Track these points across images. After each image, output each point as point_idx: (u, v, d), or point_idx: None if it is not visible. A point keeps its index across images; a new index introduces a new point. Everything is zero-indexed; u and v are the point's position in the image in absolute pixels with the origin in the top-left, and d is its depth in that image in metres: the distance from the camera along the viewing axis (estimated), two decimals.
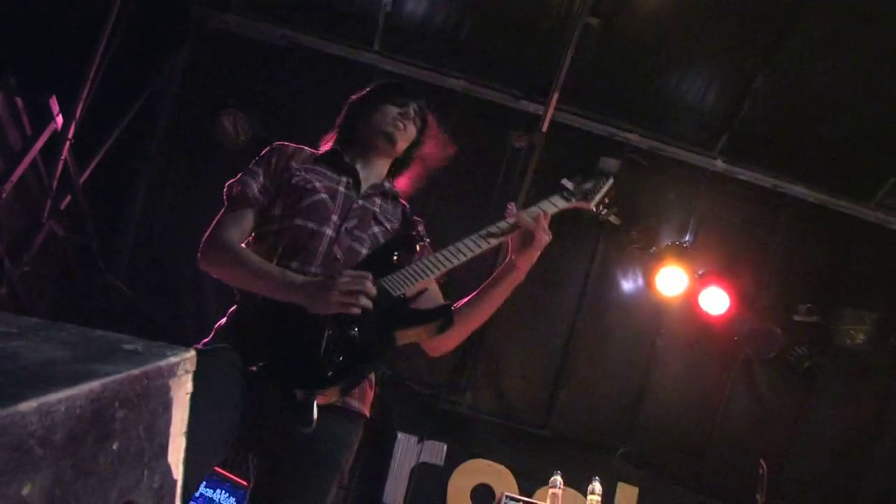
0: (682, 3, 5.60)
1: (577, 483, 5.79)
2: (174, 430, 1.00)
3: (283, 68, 6.14)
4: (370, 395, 2.51)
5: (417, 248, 2.53)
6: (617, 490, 6.45)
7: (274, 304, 2.29)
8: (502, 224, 2.52)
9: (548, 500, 5.05)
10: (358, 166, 2.64)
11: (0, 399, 0.75)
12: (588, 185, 2.76)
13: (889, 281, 6.24)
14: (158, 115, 5.95)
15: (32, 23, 4.47)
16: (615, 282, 6.54)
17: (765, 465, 5.30)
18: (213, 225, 2.47)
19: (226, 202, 2.53)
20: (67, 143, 4.62)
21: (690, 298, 6.21)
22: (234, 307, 2.46)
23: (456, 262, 2.43)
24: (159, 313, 5.92)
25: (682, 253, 6.17)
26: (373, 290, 2.24)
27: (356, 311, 2.22)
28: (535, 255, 2.53)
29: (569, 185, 2.72)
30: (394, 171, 2.80)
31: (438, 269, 2.40)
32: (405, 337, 2.34)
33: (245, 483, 4.61)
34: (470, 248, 2.44)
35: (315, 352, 2.18)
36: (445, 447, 6.49)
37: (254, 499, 2.37)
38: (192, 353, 1.04)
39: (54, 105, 4.46)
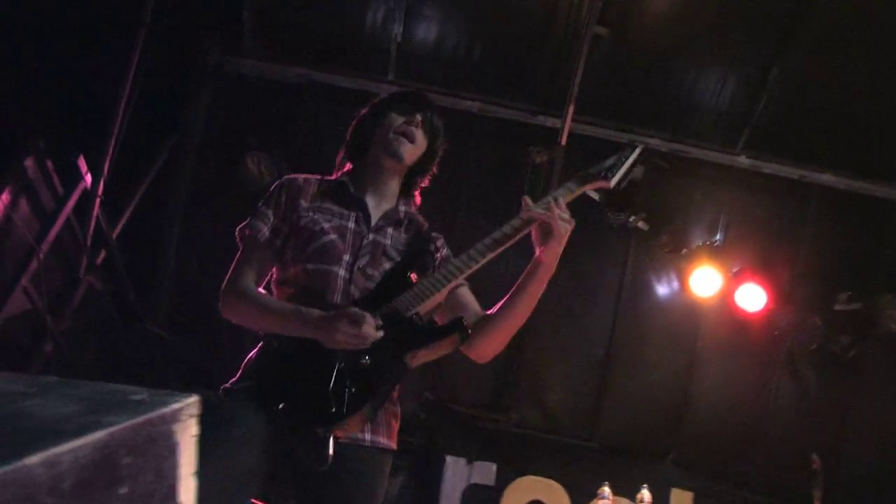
0: (689, 5, 5.63)
1: (629, 492, 5.73)
2: (182, 472, 1.06)
3: (301, 106, 6.26)
4: (395, 427, 2.50)
5: (434, 264, 2.54)
6: (671, 496, 6.41)
7: (290, 341, 2.34)
8: (514, 222, 2.47)
9: None
10: (368, 194, 2.61)
11: (10, 455, 0.82)
12: (610, 161, 2.62)
13: None
14: (183, 162, 6.10)
15: (54, 84, 4.63)
16: (649, 288, 6.55)
17: (818, 460, 5.25)
18: (229, 273, 2.52)
19: (239, 244, 2.58)
20: (98, 199, 4.78)
21: (726, 297, 6.19)
22: (261, 343, 2.50)
23: (469, 270, 2.43)
24: (200, 356, 6.04)
25: (714, 252, 6.16)
26: (371, 331, 2.24)
27: (365, 346, 2.25)
28: (558, 246, 2.44)
29: (589, 169, 2.63)
30: (410, 186, 2.75)
31: (450, 279, 2.39)
32: (418, 358, 2.34)
33: None
34: (482, 252, 2.43)
35: (324, 387, 2.22)
36: (495, 467, 6.52)
37: None
38: (196, 398, 1.11)
39: (82, 164, 4.63)
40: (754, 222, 6.34)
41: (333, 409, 2.20)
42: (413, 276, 2.43)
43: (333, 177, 2.71)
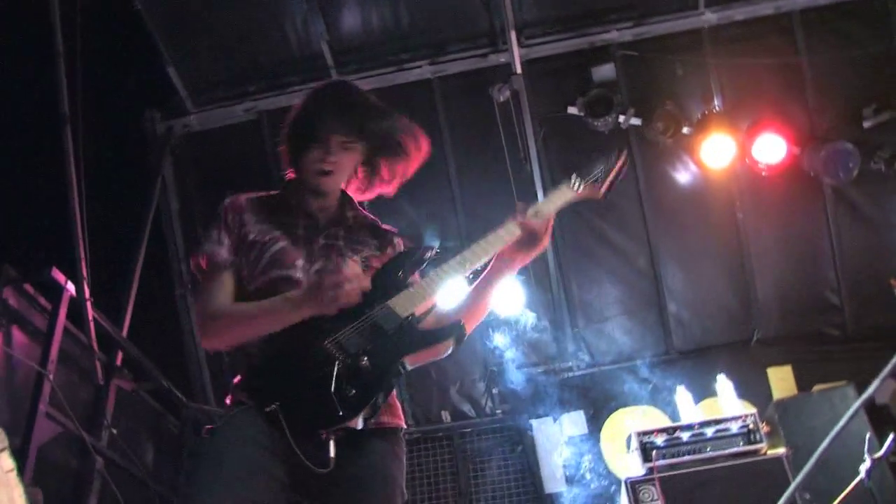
0: None
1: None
2: None
3: (260, 136, 6.21)
4: (398, 405, 2.46)
5: (423, 261, 2.47)
6: (769, 376, 6.18)
7: (278, 343, 2.27)
8: (510, 227, 2.41)
9: (682, 419, 4.86)
10: (311, 201, 2.57)
11: None
12: (597, 170, 2.53)
13: None
14: (171, 235, 6.11)
15: (4, 208, 4.65)
16: (668, 180, 6.29)
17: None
18: (196, 305, 2.47)
19: (198, 277, 2.52)
20: (88, 303, 4.77)
21: (747, 158, 5.92)
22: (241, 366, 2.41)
23: (464, 272, 2.37)
24: None
25: (717, 119, 5.88)
26: (355, 268, 2.23)
27: (356, 297, 2.19)
28: (533, 256, 2.45)
29: (576, 177, 2.53)
30: (370, 173, 2.67)
31: (444, 281, 2.34)
32: (416, 360, 2.29)
33: None
34: (478, 255, 2.37)
35: (325, 390, 2.14)
36: (583, 413, 6.37)
37: None
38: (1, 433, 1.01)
39: (59, 276, 4.60)
40: (747, 73, 6.03)
41: (338, 412, 2.13)
42: (401, 276, 2.39)
43: (277, 190, 2.69)
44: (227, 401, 2.37)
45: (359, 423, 2.17)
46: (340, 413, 2.12)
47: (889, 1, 5.88)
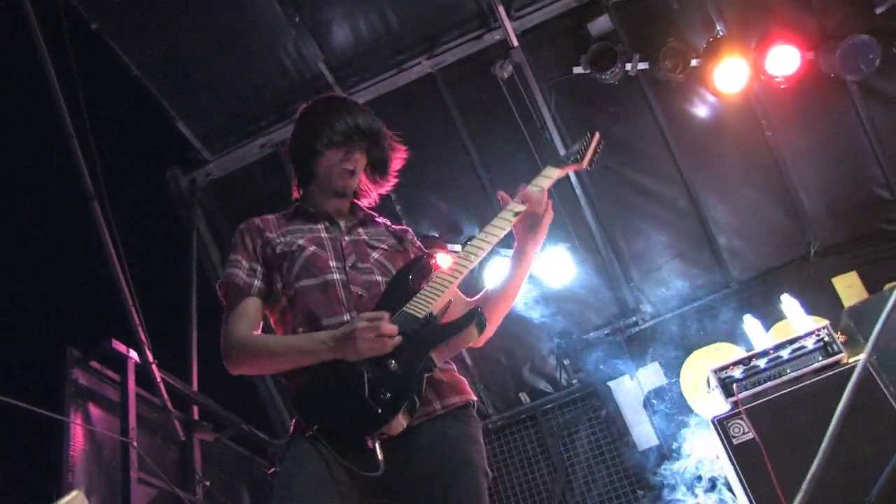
0: None
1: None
2: None
3: (281, 167, 6.30)
4: (460, 378, 2.49)
5: (429, 265, 2.58)
6: (835, 286, 6.08)
7: (312, 373, 2.31)
8: (511, 208, 2.47)
9: (755, 347, 4.82)
10: (329, 203, 2.67)
11: None
12: (574, 148, 2.67)
13: None
14: (214, 284, 6.21)
15: (49, 289, 4.79)
16: (689, 117, 6.20)
17: None
18: (222, 330, 2.51)
19: (223, 303, 2.57)
20: (153, 366, 4.90)
21: (762, 75, 5.83)
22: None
23: (471, 265, 2.42)
24: None
25: (723, 43, 5.80)
26: (391, 329, 2.24)
27: (388, 349, 2.23)
28: (542, 237, 2.51)
29: (562, 157, 2.67)
30: (358, 193, 2.79)
31: (455, 277, 2.39)
32: (443, 353, 2.32)
33: None
34: (480, 247, 2.42)
35: (360, 397, 2.19)
36: (658, 365, 6.35)
37: None
38: (74, 493, 1.07)
39: (119, 346, 4.74)
40: None
41: (376, 415, 2.17)
42: (411, 282, 2.46)
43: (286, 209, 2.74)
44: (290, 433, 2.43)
45: (403, 424, 2.21)
46: (380, 413, 2.16)
47: None
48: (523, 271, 2.55)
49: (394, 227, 2.77)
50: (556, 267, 6.31)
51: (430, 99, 6.27)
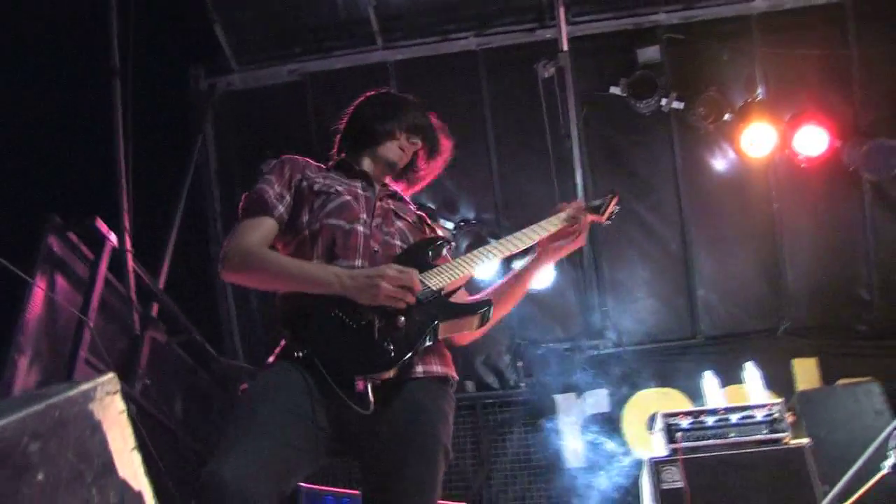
0: None
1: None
2: (116, 447, 1.09)
3: (303, 98, 6.32)
4: (449, 355, 2.57)
5: (446, 249, 2.65)
6: (794, 367, 6.26)
7: (319, 297, 2.36)
8: (554, 220, 2.62)
9: (707, 404, 4.97)
10: (368, 170, 2.77)
11: None
12: (598, 202, 2.88)
13: None
14: (209, 192, 6.24)
15: (50, 155, 4.79)
16: (705, 166, 6.34)
17: None
18: (230, 235, 2.54)
19: (240, 214, 2.59)
20: (129, 254, 4.92)
21: (787, 148, 5.96)
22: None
23: (499, 256, 2.55)
24: None
25: (760, 107, 5.92)
26: (419, 286, 2.34)
27: (402, 304, 2.31)
28: (567, 252, 2.67)
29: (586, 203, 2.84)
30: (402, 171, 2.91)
31: (476, 263, 2.51)
32: (446, 329, 2.41)
33: (357, 492, 4.75)
34: (516, 242, 2.56)
35: (369, 340, 2.27)
36: (606, 392, 6.49)
37: (367, 501, 2.41)
38: (110, 375, 1.14)
39: (102, 226, 4.75)
40: (794, 62, 6.02)
41: (377, 361, 2.26)
42: (430, 257, 2.55)
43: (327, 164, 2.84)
44: (272, 358, 2.47)
45: (391, 375, 2.28)
46: (379, 361, 2.25)
47: None
48: (528, 282, 2.69)
49: (417, 209, 2.88)
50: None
51: (466, 75, 6.32)
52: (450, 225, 6.35)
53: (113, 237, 4.84)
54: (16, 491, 0.92)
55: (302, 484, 4.69)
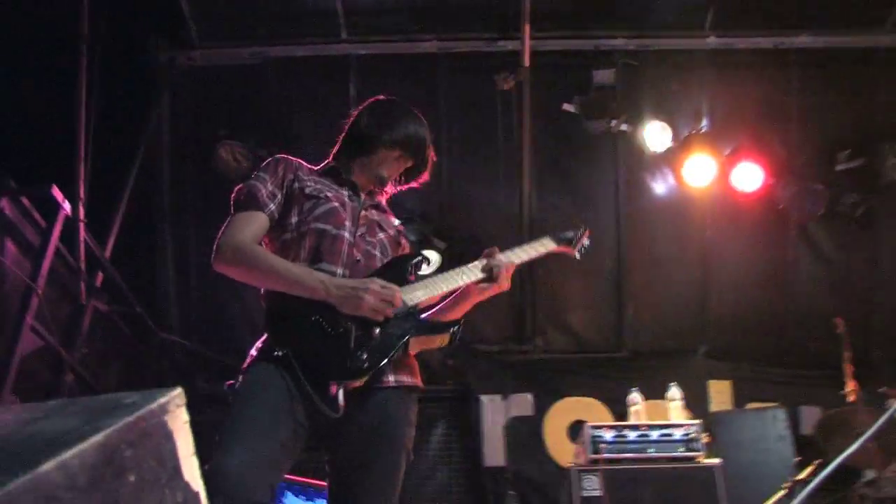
0: None
1: (664, 394, 6.01)
2: (182, 453, 1.29)
3: (262, 83, 6.42)
4: (417, 366, 2.77)
5: (424, 266, 2.84)
6: (709, 389, 6.69)
7: (301, 300, 2.54)
8: (481, 266, 2.79)
9: (630, 418, 5.33)
10: (356, 180, 2.90)
11: (27, 465, 1.05)
12: (570, 234, 3.20)
13: None
14: (158, 167, 6.31)
15: (8, 118, 4.82)
16: (646, 188, 6.69)
17: (842, 323, 5.47)
18: (223, 229, 2.69)
19: (233, 207, 2.75)
20: (81, 224, 5.00)
21: (725, 181, 6.35)
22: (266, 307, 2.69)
23: (455, 286, 2.74)
24: (220, 354, 6.34)
25: (702, 139, 6.29)
26: (400, 302, 2.54)
27: (381, 317, 2.51)
28: (490, 295, 2.83)
29: (558, 234, 3.16)
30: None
31: (443, 288, 2.70)
32: (417, 343, 2.63)
33: (325, 484, 4.92)
34: (467, 276, 2.75)
35: (346, 348, 2.47)
36: (531, 396, 6.81)
37: (332, 493, 2.64)
38: (179, 390, 1.33)
39: (57, 193, 4.82)
40: (739, 101, 6.44)
41: (350, 367, 2.46)
42: (409, 274, 2.74)
43: (319, 166, 2.98)
44: (254, 351, 2.65)
45: (361, 383, 2.49)
46: (352, 368, 2.45)
47: (877, 55, 6.33)
48: (463, 309, 2.85)
49: (396, 223, 3.03)
50: None
51: (425, 77, 6.52)
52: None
53: (67, 206, 4.91)
54: (116, 489, 1.12)
55: None
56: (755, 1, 6.22)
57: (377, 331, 2.52)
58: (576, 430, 6.42)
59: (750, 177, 6.24)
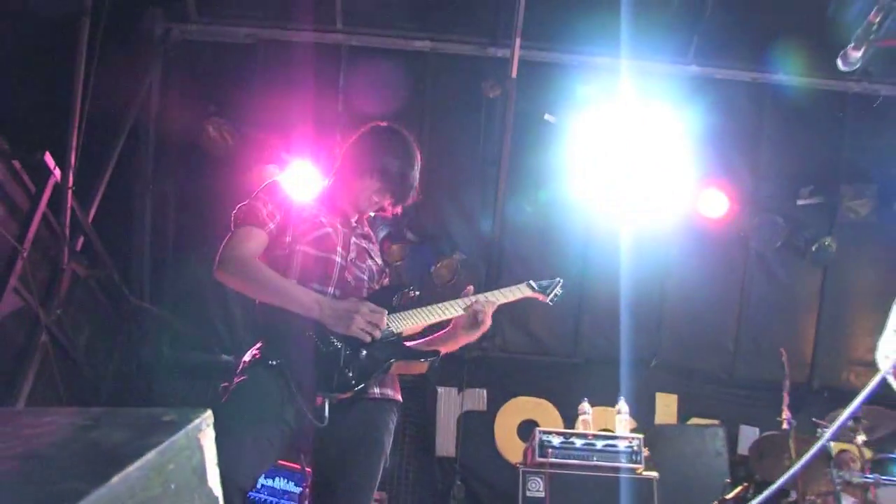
0: None
1: (614, 402, 6.37)
2: (208, 465, 1.58)
3: (254, 65, 6.61)
4: (397, 381, 3.06)
5: (411, 295, 3.09)
6: (656, 400, 7.08)
7: (298, 317, 2.79)
8: (462, 303, 3.04)
9: (579, 426, 5.68)
10: (345, 208, 3.16)
11: (100, 478, 1.32)
12: (545, 283, 3.45)
13: (883, 149, 6.64)
14: (145, 138, 6.49)
15: (7, 84, 4.99)
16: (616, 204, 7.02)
17: (784, 353, 5.86)
18: (226, 241, 2.92)
19: (235, 222, 2.99)
20: (69, 191, 5.20)
21: (692, 204, 6.70)
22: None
23: (438, 319, 3.00)
24: (188, 323, 6.58)
25: (674, 163, 6.62)
26: (385, 325, 2.82)
27: (368, 339, 2.79)
28: (474, 337, 3.09)
29: (534, 283, 3.42)
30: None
31: (427, 320, 2.97)
32: (398, 367, 2.92)
33: (298, 467, 5.24)
34: (450, 311, 3.01)
35: (335, 364, 2.75)
36: (485, 392, 7.16)
37: (315, 490, 2.92)
38: (209, 411, 1.61)
39: (49, 160, 5.02)
40: (712, 128, 6.76)
41: (337, 382, 2.74)
42: (394, 301, 2.99)
43: (317, 191, 3.27)
44: (248, 357, 2.92)
45: (346, 397, 2.77)
46: (339, 383, 2.73)
47: (847, 100, 6.69)
48: (451, 347, 3.08)
49: (379, 250, 3.32)
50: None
51: (413, 74, 6.74)
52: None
53: (58, 173, 5.11)
54: (162, 496, 1.41)
55: None
56: (736, 37, 6.52)
57: (364, 352, 2.80)
58: (526, 429, 6.81)
59: (715, 204, 6.59)
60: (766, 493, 2.72)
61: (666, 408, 7.08)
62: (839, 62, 2.82)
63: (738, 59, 6.65)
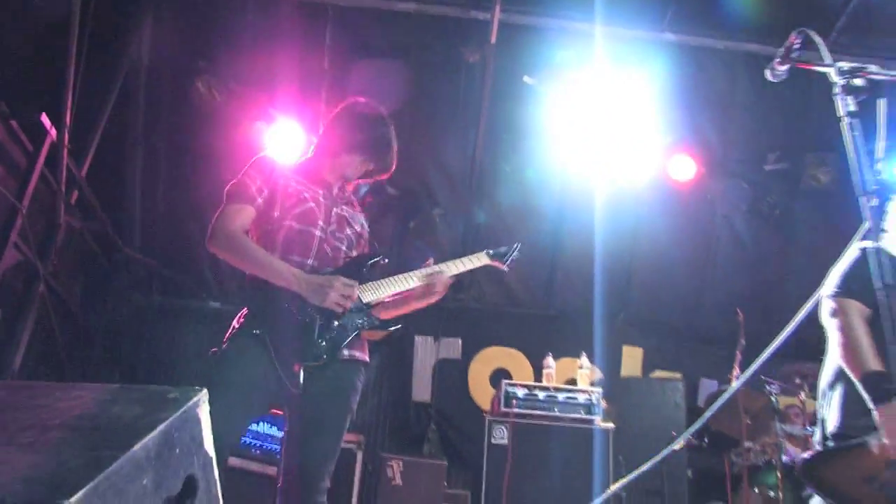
0: None
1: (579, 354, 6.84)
2: (205, 433, 2.01)
3: (243, 19, 6.89)
4: (366, 344, 3.48)
5: (381, 263, 3.47)
6: (623, 353, 7.57)
7: (279, 291, 3.19)
8: (424, 273, 3.46)
9: (543, 379, 6.17)
10: (328, 176, 3.54)
11: (125, 447, 1.75)
12: (502, 250, 3.82)
13: None
14: (135, 93, 6.79)
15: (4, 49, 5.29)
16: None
17: (741, 313, 6.32)
18: (217, 215, 3.30)
19: (226, 198, 3.36)
20: (65, 150, 5.54)
21: (662, 167, 7.09)
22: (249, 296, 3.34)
23: (401, 289, 3.41)
24: (178, 273, 7.00)
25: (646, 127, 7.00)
26: (356, 296, 3.23)
27: (341, 310, 3.20)
28: (424, 304, 3.54)
29: (491, 251, 3.77)
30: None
31: (392, 290, 3.37)
32: (366, 335, 3.37)
33: (280, 412, 5.66)
34: (412, 281, 3.43)
35: (310, 335, 3.16)
36: (460, 341, 7.63)
37: (289, 438, 3.34)
38: (205, 390, 2.03)
39: (46, 120, 5.36)
40: (685, 94, 7.11)
41: (313, 353, 3.17)
42: (365, 271, 3.38)
43: (300, 159, 3.65)
44: (235, 324, 3.34)
45: (319, 364, 3.20)
46: (314, 352, 3.16)
47: (816, 73, 7.01)
48: (401, 312, 3.52)
49: (362, 220, 3.68)
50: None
51: (395, 34, 7.03)
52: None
53: (54, 132, 5.45)
54: (169, 458, 1.83)
55: None
56: (711, 7, 6.82)
57: (336, 323, 3.22)
58: (498, 377, 7.30)
59: (684, 168, 6.99)
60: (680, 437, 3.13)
61: (632, 360, 7.58)
62: (767, 73, 3.17)
63: (712, 27, 6.96)
